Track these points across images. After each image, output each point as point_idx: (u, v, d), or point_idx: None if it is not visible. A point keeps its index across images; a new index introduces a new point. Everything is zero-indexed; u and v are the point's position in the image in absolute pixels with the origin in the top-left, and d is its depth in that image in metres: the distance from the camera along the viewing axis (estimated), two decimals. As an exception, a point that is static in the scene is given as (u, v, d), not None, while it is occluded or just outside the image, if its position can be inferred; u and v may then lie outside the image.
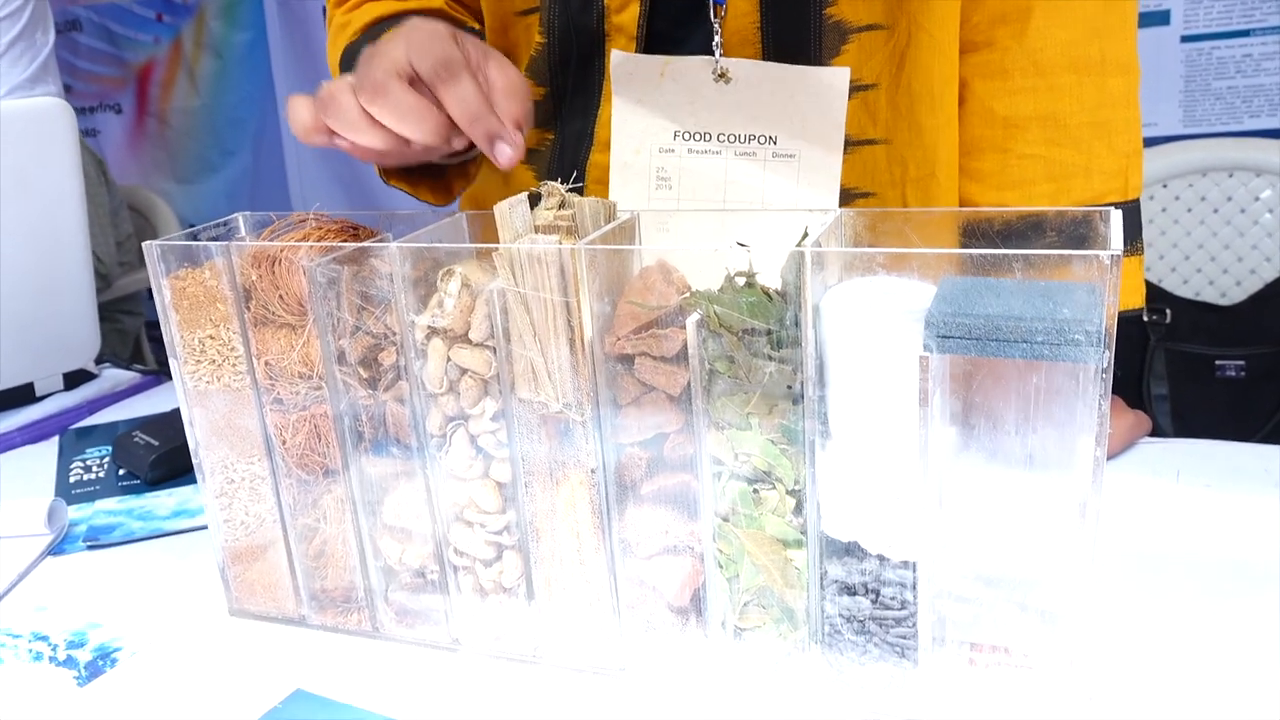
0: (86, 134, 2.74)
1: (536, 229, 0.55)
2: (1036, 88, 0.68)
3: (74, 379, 1.09)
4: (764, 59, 0.65)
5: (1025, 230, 0.51)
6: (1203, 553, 0.65)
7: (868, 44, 0.66)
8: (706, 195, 0.66)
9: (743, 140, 0.64)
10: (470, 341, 0.56)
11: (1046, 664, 0.51)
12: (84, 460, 0.93)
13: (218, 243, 0.60)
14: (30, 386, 1.05)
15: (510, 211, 0.54)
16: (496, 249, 0.53)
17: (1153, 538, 0.68)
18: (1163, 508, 0.71)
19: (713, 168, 0.65)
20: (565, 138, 0.73)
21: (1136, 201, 0.70)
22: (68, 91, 2.84)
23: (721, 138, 0.64)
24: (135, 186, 2.48)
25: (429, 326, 0.56)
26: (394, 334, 0.57)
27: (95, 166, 2.36)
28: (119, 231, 2.32)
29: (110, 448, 0.94)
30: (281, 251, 0.58)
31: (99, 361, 1.13)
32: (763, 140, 0.64)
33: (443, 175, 0.72)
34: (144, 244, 0.61)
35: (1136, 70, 0.69)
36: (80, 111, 2.82)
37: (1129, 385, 1.61)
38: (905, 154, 0.71)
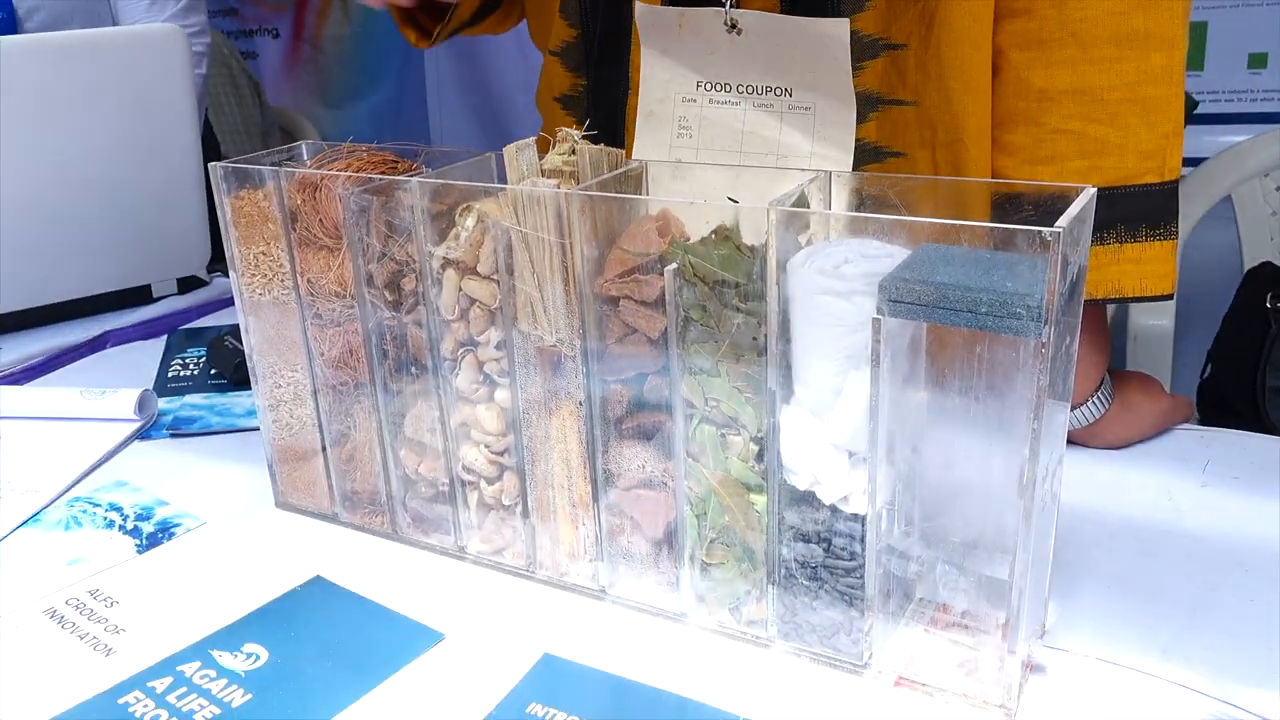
0: (246, 56, 2.90)
1: (543, 173, 0.59)
2: (1075, 60, 0.67)
3: (187, 284, 1.20)
4: (782, 13, 0.66)
5: (1003, 203, 0.52)
6: (1207, 545, 0.65)
7: (897, 3, 0.66)
8: (724, 144, 0.68)
9: (760, 92, 0.66)
10: (479, 274, 0.60)
11: (983, 627, 0.53)
12: (183, 359, 1.03)
13: (269, 168, 0.66)
14: (148, 288, 1.17)
15: (518, 154, 0.58)
16: (502, 189, 0.57)
17: (1158, 525, 0.67)
18: (1180, 497, 0.70)
19: (731, 118, 0.67)
20: (601, 82, 0.76)
21: (1174, 184, 0.68)
22: (234, 15, 3.01)
23: (740, 89, 0.66)
24: (286, 109, 2.63)
25: (444, 257, 0.61)
26: (414, 262, 0.62)
27: (251, 88, 2.51)
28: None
29: (206, 349, 1.04)
30: (322, 179, 0.64)
31: (211, 270, 1.24)
32: (779, 92, 0.66)
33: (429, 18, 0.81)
34: (209, 165, 0.68)
35: (1181, 46, 0.66)
36: (242, 34, 2.99)
37: (1242, 375, 1.54)
38: (934, 117, 0.71)
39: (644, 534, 0.61)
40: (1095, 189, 0.49)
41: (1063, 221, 0.44)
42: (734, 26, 0.65)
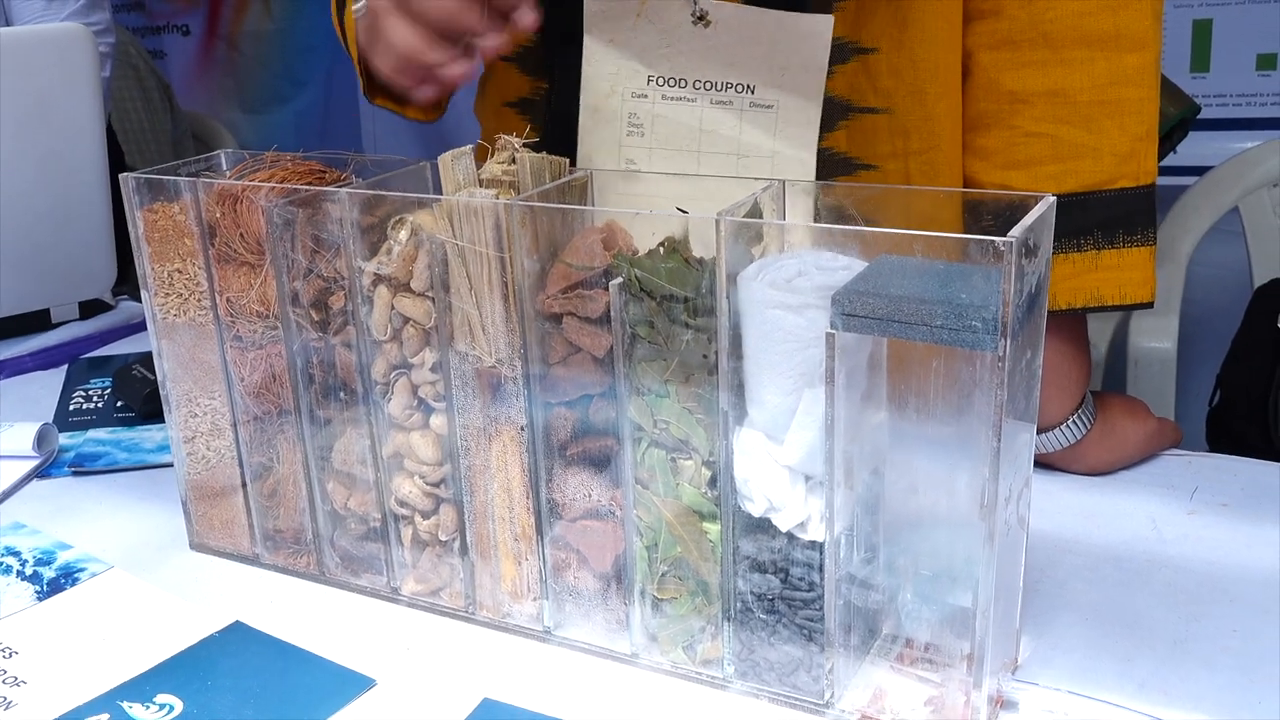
0: (153, 56, 2.93)
1: (481, 182, 0.63)
2: (1046, 61, 0.72)
3: (90, 309, 1.23)
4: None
5: (966, 213, 0.56)
6: (1191, 575, 0.69)
7: (868, 3, 0.72)
8: (680, 144, 0.73)
9: (719, 88, 0.71)
10: (413, 291, 0.64)
11: (949, 660, 0.57)
12: (86, 390, 1.05)
13: (185, 179, 0.69)
14: (46, 313, 1.19)
15: (453, 163, 0.62)
16: (437, 200, 0.61)
17: (1140, 555, 0.71)
18: (1165, 525, 0.75)
19: (687, 115, 0.72)
20: (559, 86, 0.81)
21: (1150, 188, 0.74)
22: (139, 10, 3.04)
23: (697, 84, 0.71)
24: (200, 114, 2.65)
25: (375, 273, 0.64)
26: (343, 279, 0.66)
27: (161, 92, 2.54)
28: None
29: (113, 379, 1.06)
30: (243, 191, 0.67)
31: (117, 293, 1.26)
32: (740, 89, 0.71)
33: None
34: (120, 175, 0.71)
35: (1154, 47, 0.72)
36: (149, 32, 3.02)
37: (1254, 401, 1.60)
38: (907, 124, 0.76)
39: (591, 569, 0.64)
40: (1055, 197, 0.53)
41: (1016, 231, 0.49)
42: (702, 18, 0.69)
